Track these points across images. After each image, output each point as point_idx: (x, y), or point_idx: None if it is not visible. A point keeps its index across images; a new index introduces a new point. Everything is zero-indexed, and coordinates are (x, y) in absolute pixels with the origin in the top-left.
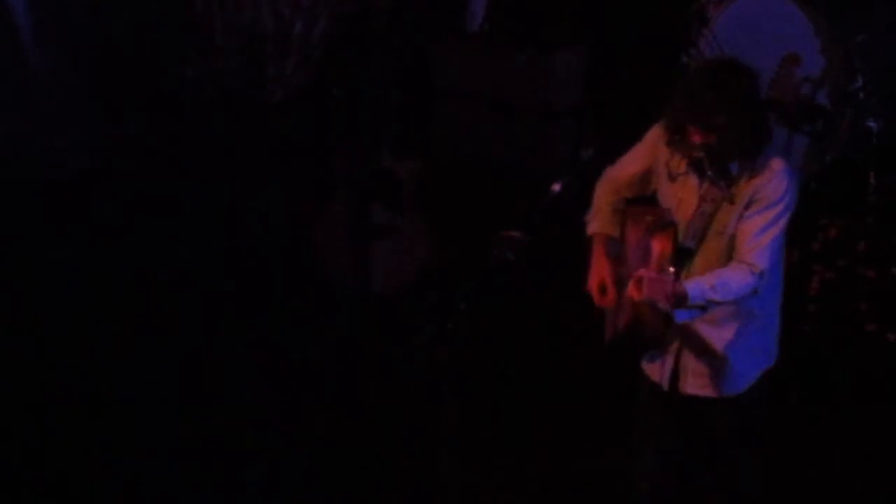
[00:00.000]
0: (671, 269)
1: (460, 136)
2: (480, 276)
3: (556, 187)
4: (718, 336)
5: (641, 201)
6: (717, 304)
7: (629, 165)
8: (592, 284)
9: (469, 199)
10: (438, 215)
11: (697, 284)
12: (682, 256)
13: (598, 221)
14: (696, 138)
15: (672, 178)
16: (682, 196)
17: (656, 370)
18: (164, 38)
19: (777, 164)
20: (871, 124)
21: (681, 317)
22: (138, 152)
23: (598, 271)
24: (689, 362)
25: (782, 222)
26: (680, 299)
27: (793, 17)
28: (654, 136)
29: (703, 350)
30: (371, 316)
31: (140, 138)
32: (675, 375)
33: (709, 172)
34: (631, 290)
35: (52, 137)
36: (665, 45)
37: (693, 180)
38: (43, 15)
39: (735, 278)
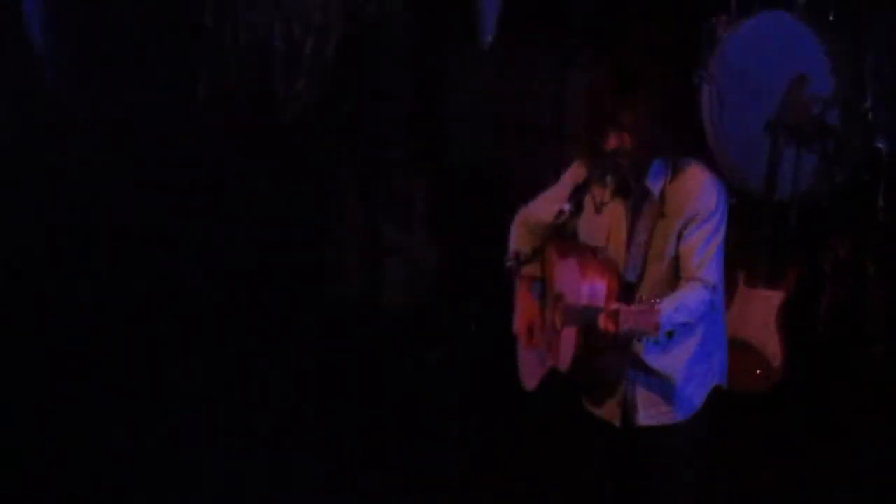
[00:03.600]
0: (655, 300)
1: (472, 153)
2: (492, 294)
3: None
4: (667, 363)
5: (563, 238)
6: (683, 326)
7: (548, 205)
8: (520, 327)
9: (481, 217)
10: (449, 233)
11: (662, 311)
12: (626, 290)
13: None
14: (612, 143)
15: (598, 209)
16: (611, 225)
17: (606, 408)
18: (175, 55)
19: (701, 173)
20: (881, 145)
21: (649, 349)
22: (149, 167)
23: (526, 314)
24: (641, 394)
25: (721, 232)
26: (656, 327)
27: (803, 37)
28: (571, 174)
29: (653, 380)
30: (381, 333)
31: (151, 154)
32: (626, 410)
33: (633, 185)
34: (604, 323)
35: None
36: (676, 66)
37: (620, 208)
38: (58, 37)
39: (692, 297)
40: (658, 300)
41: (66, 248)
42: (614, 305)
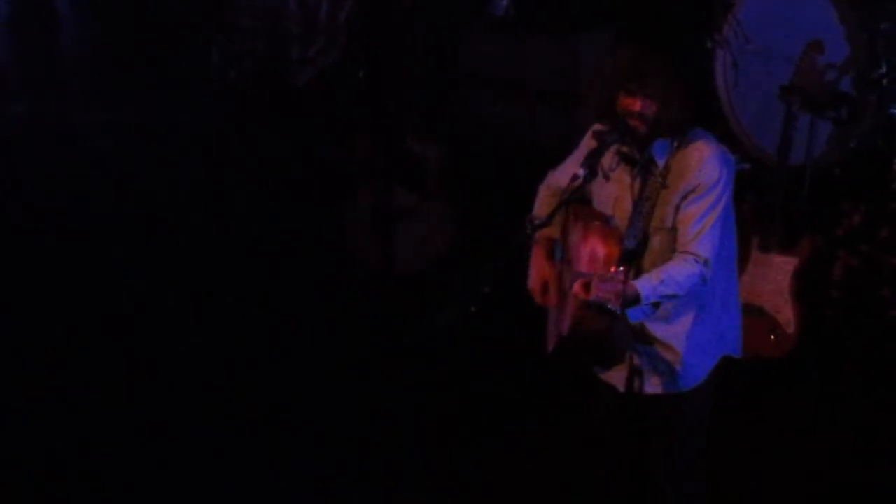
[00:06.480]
0: (621, 269)
1: (484, 119)
2: (504, 258)
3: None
4: (670, 332)
5: (584, 203)
6: (670, 298)
7: (567, 170)
8: (534, 284)
9: (493, 183)
10: (462, 198)
11: (647, 282)
12: (626, 258)
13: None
14: (636, 107)
15: (606, 176)
16: (617, 194)
17: (611, 373)
18: (190, 20)
19: (706, 148)
20: (895, 111)
21: (634, 316)
22: (163, 132)
23: (540, 271)
24: (645, 363)
25: (720, 207)
26: (632, 299)
27: (817, 3)
28: (588, 140)
29: (657, 348)
30: (394, 297)
31: (165, 118)
32: (631, 377)
33: (638, 157)
34: (577, 289)
35: (79, 116)
36: (689, 30)
37: (626, 177)
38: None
39: (681, 270)
40: (621, 270)
41: (79, 207)
42: (590, 272)
